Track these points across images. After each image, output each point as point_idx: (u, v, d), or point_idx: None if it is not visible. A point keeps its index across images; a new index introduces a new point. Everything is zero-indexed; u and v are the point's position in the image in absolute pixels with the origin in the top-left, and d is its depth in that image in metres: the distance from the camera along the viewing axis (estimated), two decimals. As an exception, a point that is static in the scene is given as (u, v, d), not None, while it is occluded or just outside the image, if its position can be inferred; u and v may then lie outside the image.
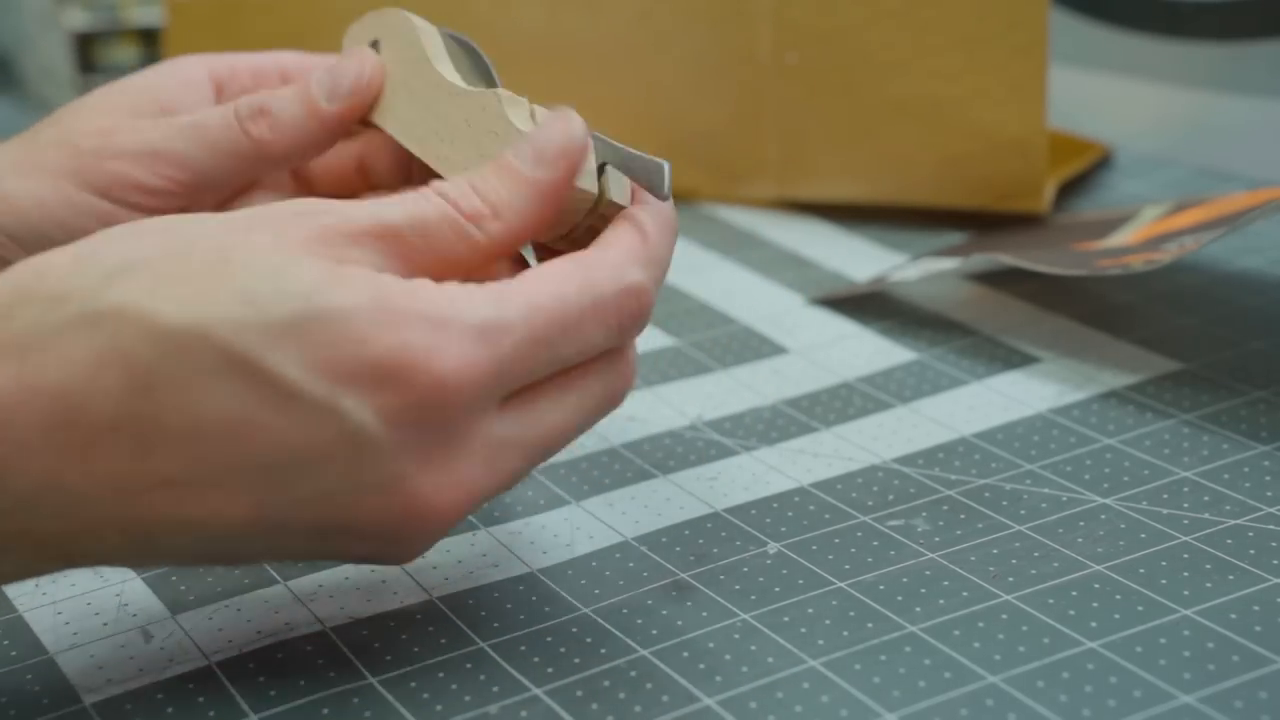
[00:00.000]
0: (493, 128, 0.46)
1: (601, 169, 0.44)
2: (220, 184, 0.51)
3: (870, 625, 0.43)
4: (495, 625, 0.44)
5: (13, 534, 0.38)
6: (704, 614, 0.44)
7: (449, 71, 0.49)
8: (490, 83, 0.49)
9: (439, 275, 0.40)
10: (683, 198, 0.74)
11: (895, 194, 0.71)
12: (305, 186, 0.54)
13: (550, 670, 0.42)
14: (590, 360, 0.42)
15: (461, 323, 0.39)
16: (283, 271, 0.38)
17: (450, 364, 0.38)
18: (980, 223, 0.70)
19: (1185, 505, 0.48)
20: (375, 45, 0.51)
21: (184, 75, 0.52)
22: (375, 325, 0.38)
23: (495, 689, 0.42)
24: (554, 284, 0.40)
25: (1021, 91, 0.67)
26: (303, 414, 0.38)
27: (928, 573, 0.46)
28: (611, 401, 0.43)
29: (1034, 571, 0.45)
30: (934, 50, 0.68)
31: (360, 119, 0.51)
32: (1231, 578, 0.45)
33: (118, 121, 0.50)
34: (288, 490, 0.39)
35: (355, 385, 0.38)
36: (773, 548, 0.47)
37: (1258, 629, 0.42)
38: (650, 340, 0.61)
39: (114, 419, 0.38)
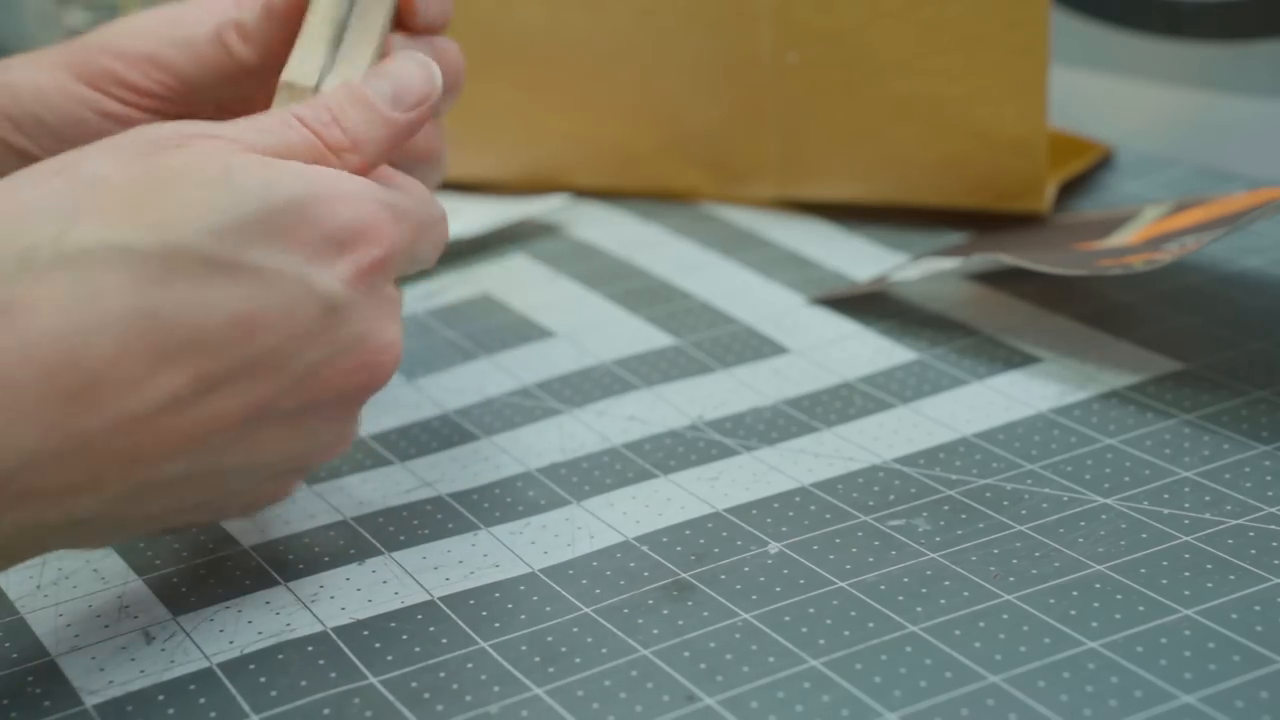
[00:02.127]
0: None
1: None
2: (207, 96, 0.52)
3: (871, 625, 0.43)
4: (496, 625, 0.44)
5: (17, 496, 0.38)
6: (705, 614, 0.44)
7: None
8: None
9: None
10: (683, 197, 0.74)
11: (895, 194, 0.71)
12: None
13: (551, 670, 0.42)
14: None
15: (377, 199, 0.43)
16: (227, 175, 0.41)
17: (385, 238, 0.43)
18: (980, 223, 0.70)
19: (1186, 505, 0.48)
20: None
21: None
22: (324, 203, 0.42)
23: (496, 689, 0.42)
24: (414, 186, 0.46)
25: (1022, 91, 0.67)
26: (286, 296, 0.41)
27: (929, 573, 0.46)
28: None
29: (1035, 571, 0.45)
30: (935, 50, 0.68)
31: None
32: (1232, 578, 0.45)
33: (129, 26, 0.53)
34: (282, 375, 0.41)
35: (320, 258, 0.42)
36: (774, 547, 0.47)
37: (1259, 629, 0.42)
38: (650, 340, 0.61)
39: (116, 351, 0.38)
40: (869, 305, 0.63)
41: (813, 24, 0.70)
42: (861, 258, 0.68)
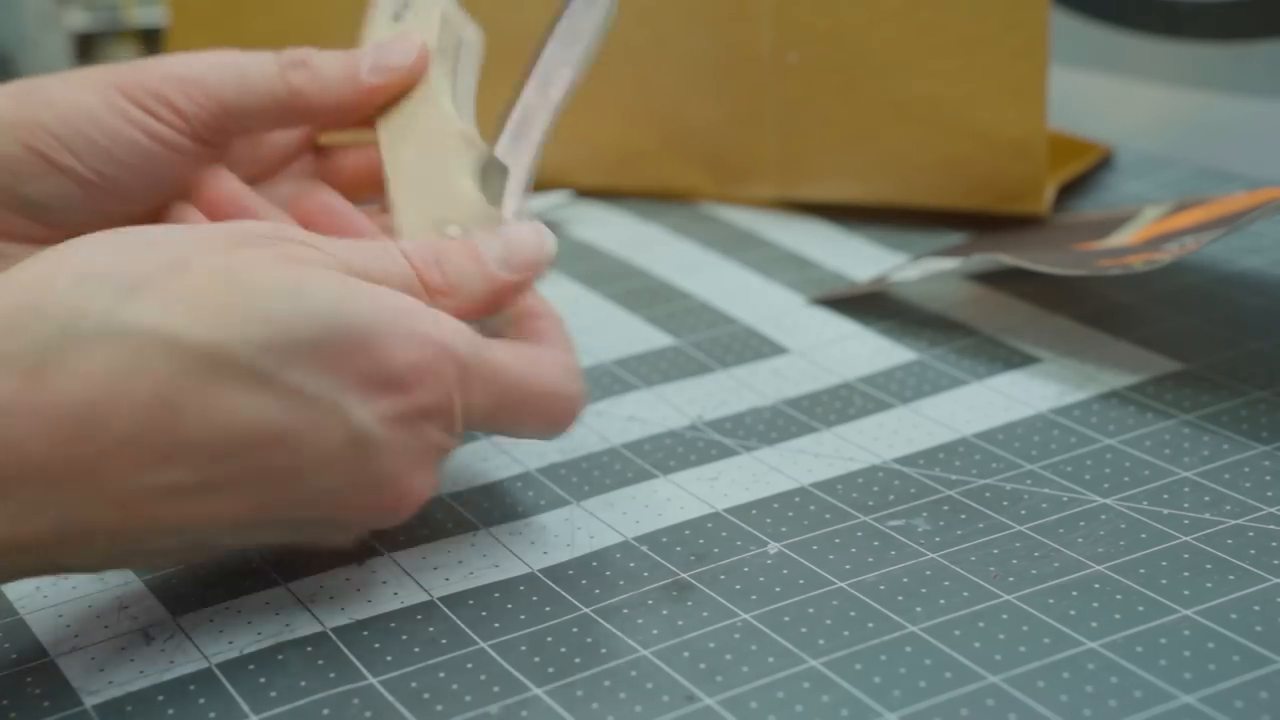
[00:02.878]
0: (455, 167, 0.49)
1: None
2: (249, 124, 0.52)
3: (871, 625, 0.43)
4: (495, 625, 0.44)
5: (3, 541, 0.39)
6: (704, 614, 0.44)
7: (446, 98, 0.51)
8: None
9: None
10: (683, 197, 0.74)
11: (895, 195, 0.71)
12: (327, 175, 0.55)
13: (551, 670, 0.42)
14: None
15: (452, 352, 0.43)
16: (299, 288, 0.40)
17: (442, 391, 0.42)
18: (980, 224, 0.70)
19: (1186, 505, 0.48)
20: (400, 12, 0.52)
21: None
22: (385, 337, 0.41)
23: (496, 689, 0.42)
24: (527, 365, 0.45)
25: (1022, 93, 0.67)
26: (316, 419, 0.40)
27: (928, 573, 0.46)
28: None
29: (1034, 571, 0.45)
30: (934, 51, 0.68)
31: (391, 99, 0.52)
32: (1232, 578, 0.45)
33: (180, 56, 0.52)
34: (292, 492, 0.41)
35: (364, 391, 0.41)
36: (773, 547, 0.47)
37: (1258, 629, 0.42)
38: (650, 340, 0.61)
39: (130, 434, 0.38)
40: (869, 305, 0.63)
41: (813, 24, 0.70)
42: (861, 258, 0.68)
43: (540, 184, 0.75)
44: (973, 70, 0.67)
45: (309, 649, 0.44)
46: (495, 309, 0.46)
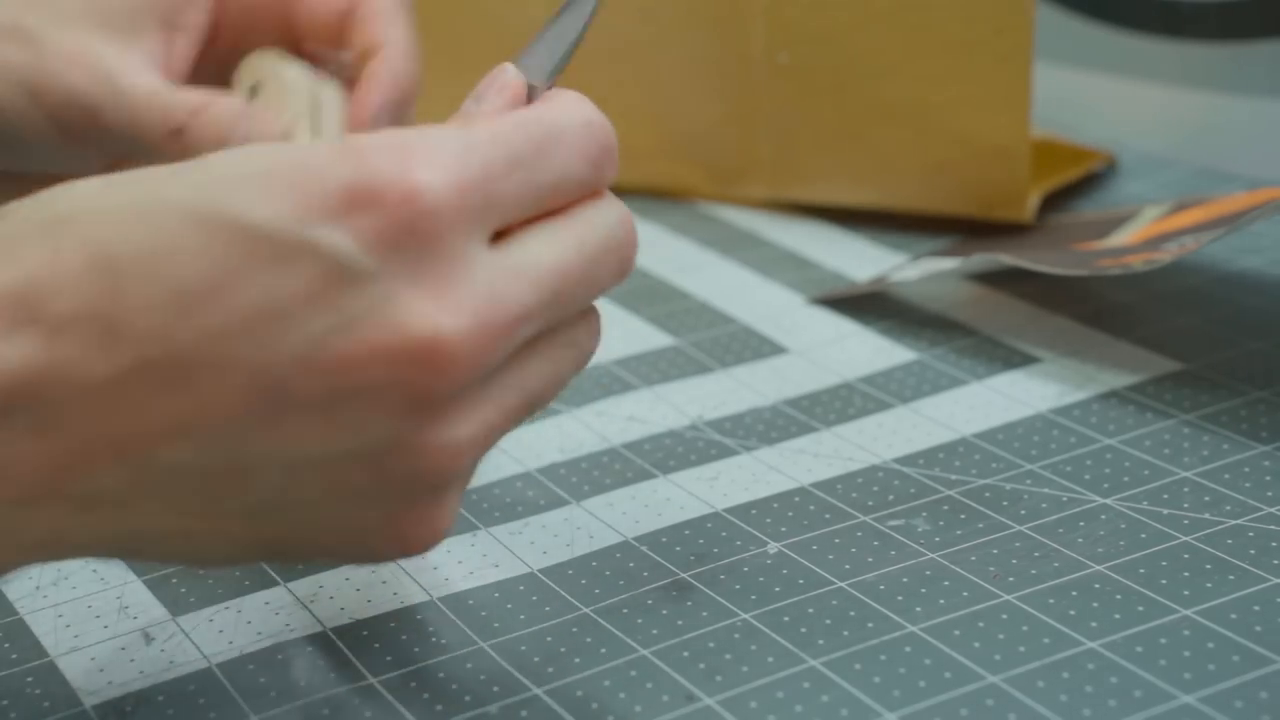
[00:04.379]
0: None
1: None
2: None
3: (870, 625, 0.43)
4: (495, 625, 0.44)
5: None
6: (704, 614, 0.44)
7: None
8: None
9: None
10: (681, 196, 0.74)
11: (882, 198, 0.71)
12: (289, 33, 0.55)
13: (550, 670, 0.42)
14: (576, 201, 0.40)
15: (428, 144, 0.37)
16: (249, 150, 0.37)
17: (423, 176, 0.36)
18: (977, 225, 0.70)
19: (1185, 505, 0.48)
20: (254, 90, 0.52)
21: None
22: (337, 160, 0.36)
23: (495, 689, 0.42)
24: (513, 115, 0.39)
25: (1006, 99, 0.67)
26: (278, 258, 0.35)
27: (928, 573, 0.46)
28: (612, 244, 0.41)
29: (1034, 571, 0.45)
30: (921, 54, 0.68)
31: None
32: (1232, 578, 0.45)
33: None
34: (279, 348, 0.36)
35: (326, 216, 0.36)
36: (773, 547, 0.47)
37: (1258, 629, 0.42)
38: (650, 340, 0.61)
39: (76, 308, 0.35)
40: (869, 305, 0.63)
41: (804, 24, 0.70)
42: (861, 258, 0.68)
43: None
44: (958, 75, 0.67)
45: (309, 649, 0.44)
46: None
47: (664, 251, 0.69)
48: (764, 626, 0.44)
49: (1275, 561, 0.45)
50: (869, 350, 0.59)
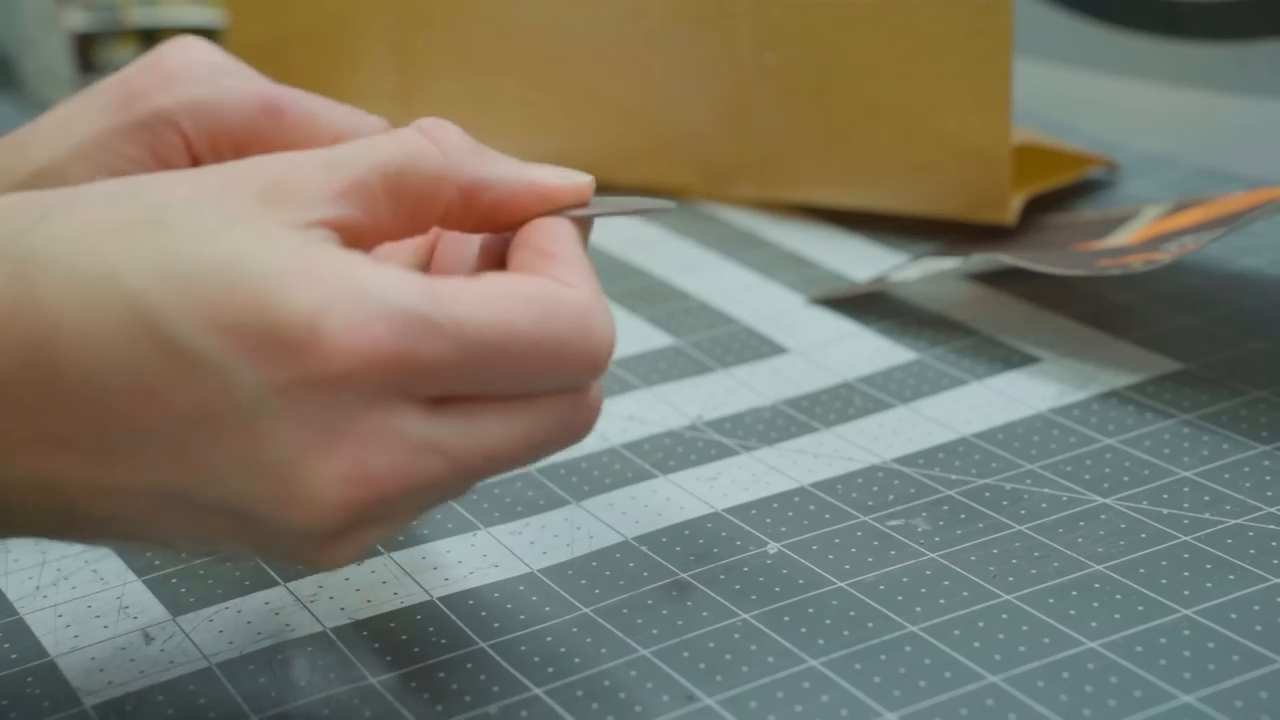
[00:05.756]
0: None
1: None
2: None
3: (870, 625, 0.43)
4: (495, 625, 0.44)
5: None
6: (704, 614, 0.44)
7: None
8: None
9: (412, 226, 0.39)
10: (678, 196, 0.74)
11: (867, 200, 0.70)
12: None
13: (550, 670, 0.42)
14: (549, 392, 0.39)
15: (377, 301, 0.35)
16: (213, 231, 0.36)
17: (342, 339, 0.35)
18: (974, 224, 0.70)
19: (1185, 505, 0.48)
20: None
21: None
22: (285, 289, 0.35)
23: (495, 689, 0.42)
24: (504, 306, 0.37)
25: (987, 101, 0.66)
26: (200, 380, 0.35)
27: (928, 572, 0.46)
28: (569, 437, 0.40)
29: (1034, 571, 0.45)
30: (902, 56, 0.68)
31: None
32: (1232, 577, 0.45)
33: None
34: (189, 465, 0.36)
35: (255, 352, 0.35)
36: (773, 547, 0.47)
37: (1258, 629, 0.42)
38: (650, 340, 0.61)
39: (7, 372, 0.35)
40: (868, 305, 0.63)
41: (788, 25, 0.70)
42: (861, 258, 0.68)
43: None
44: (938, 76, 0.67)
45: (309, 649, 0.44)
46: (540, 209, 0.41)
47: (664, 251, 0.69)
48: (764, 626, 0.44)
49: (1275, 561, 0.45)
50: (869, 350, 0.59)
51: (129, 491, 0.36)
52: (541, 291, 0.38)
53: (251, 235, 0.36)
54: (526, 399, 0.38)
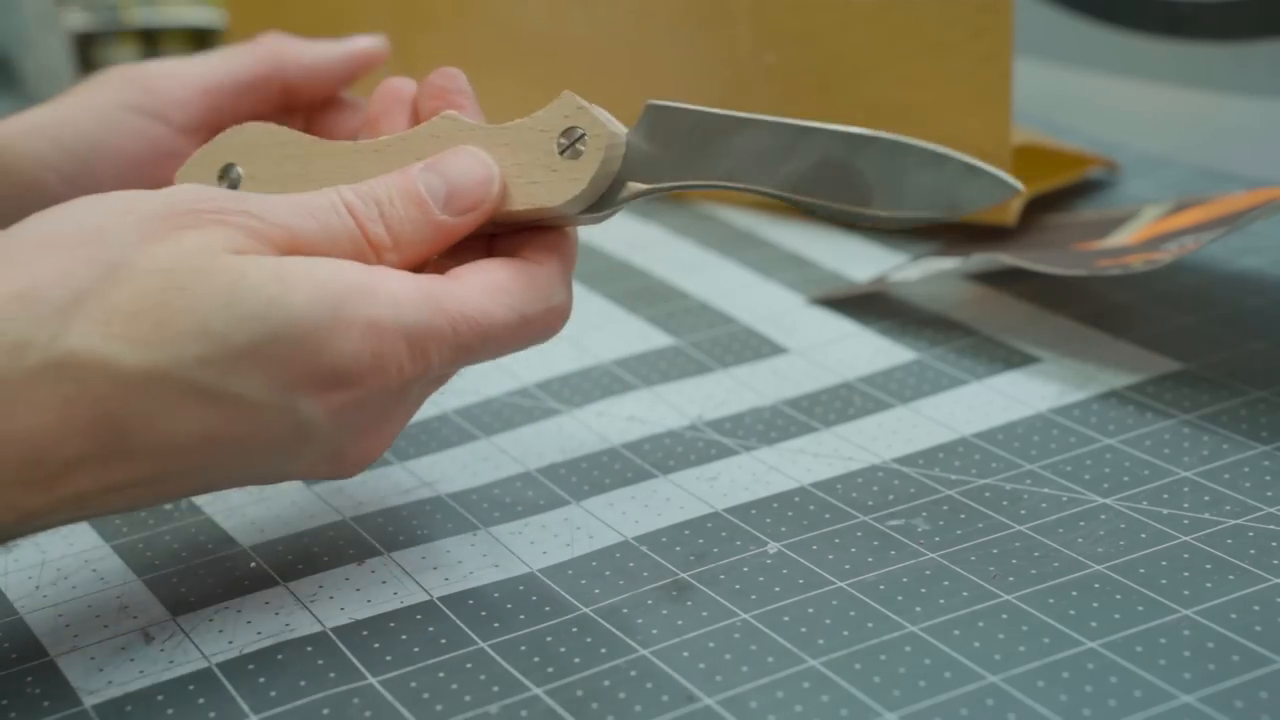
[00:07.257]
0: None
1: None
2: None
3: (870, 625, 0.43)
4: (495, 625, 0.44)
5: None
6: (704, 614, 0.44)
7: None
8: None
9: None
10: (678, 195, 0.74)
11: None
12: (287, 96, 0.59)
13: (550, 670, 0.42)
14: None
15: (398, 330, 0.42)
16: (234, 294, 0.40)
17: (392, 374, 0.42)
18: (973, 224, 0.70)
19: (1185, 505, 0.48)
20: (227, 171, 0.50)
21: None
22: (329, 335, 0.41)
23: (495, 689, 0.42)
24: (486, 299, 0.44)
25: (987, 101, 0.66)
26: (262, 419, 0.41)
27: (928, 572, 0.46)
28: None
29: (1034, 571, 0.45)
30: (903, 56, 0.68)
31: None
32: (1232, 578, 0.45)
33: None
34: (239, 471, 0.43)
35: (309, 389, 0.41)
36: (773, 547, 0.47)
37: (1258, 629, 0.42)
38: (650, 340, 0.61)
39: (81, 455, 0.39)
40: (868, 305, 0.63)
41: (788, 25, 0.70)
42: (861, 258, 0.68)
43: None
44: (938, 77, 0.67)
45: (309, 649, 0.44)
46: (442, 250, 0.46)
47: (664, 251, 0.69)
48: (764, 626, 0.44)
49: (1275, 561, 0.45)
50: (869, 350, 0.59)
51: (177, 495, 0.42)
52: (516, 273, 0.45)
53: (270, 285, 0.41)
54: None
